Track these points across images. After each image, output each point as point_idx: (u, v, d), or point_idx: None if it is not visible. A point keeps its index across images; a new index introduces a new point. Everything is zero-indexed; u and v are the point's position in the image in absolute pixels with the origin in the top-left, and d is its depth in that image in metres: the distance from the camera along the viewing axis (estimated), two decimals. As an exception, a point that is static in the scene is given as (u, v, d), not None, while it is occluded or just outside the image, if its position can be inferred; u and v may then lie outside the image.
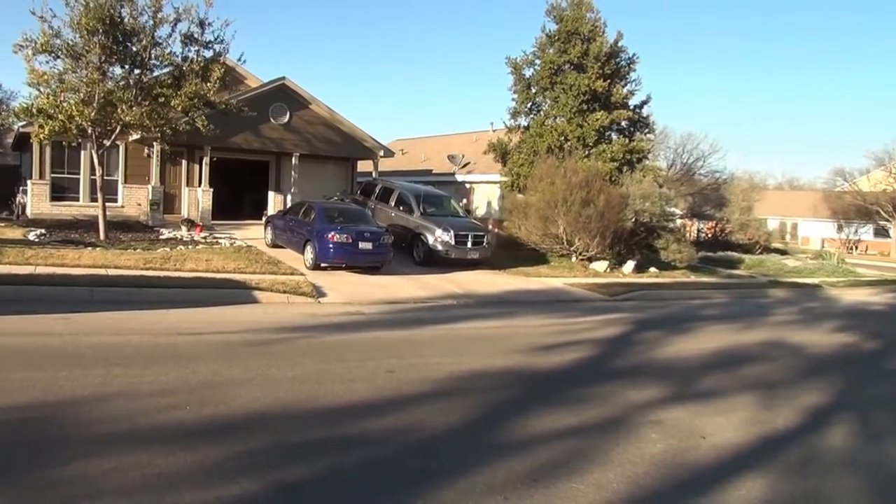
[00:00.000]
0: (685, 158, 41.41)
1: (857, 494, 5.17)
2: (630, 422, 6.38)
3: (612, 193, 20.58)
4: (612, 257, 21.12)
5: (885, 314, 17.74)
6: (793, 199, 71.67)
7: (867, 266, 36.02)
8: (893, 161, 57.41)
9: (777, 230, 56.98)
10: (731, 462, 5.57)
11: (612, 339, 10.97)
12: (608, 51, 23.76)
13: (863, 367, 10.47)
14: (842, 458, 5.95)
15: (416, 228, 19.04)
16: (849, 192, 60.12)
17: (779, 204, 67.27)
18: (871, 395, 8.49)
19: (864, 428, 6.95)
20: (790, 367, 9.71)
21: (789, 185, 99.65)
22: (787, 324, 14.24)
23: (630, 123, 25.07)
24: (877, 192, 56.07)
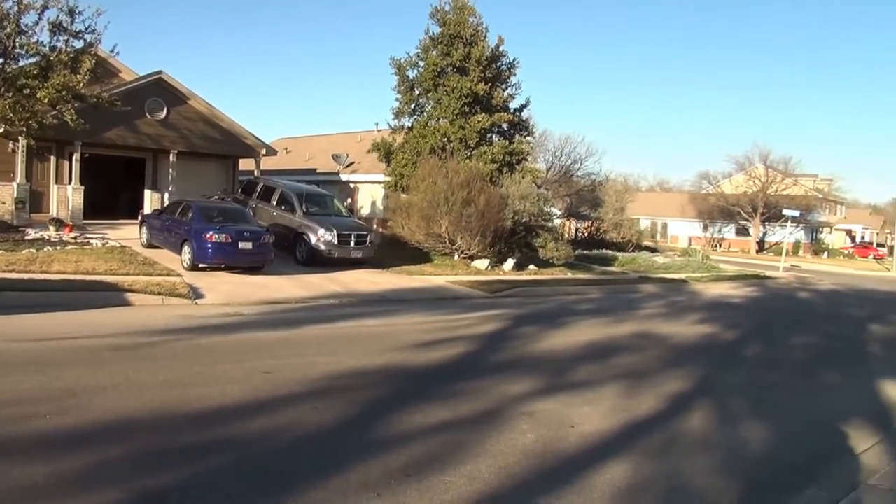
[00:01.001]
0: (563, 161, 42.91)
1: (711, 473, 5.53)
2: (504, 414, 6.58)
3: (493, 194, 21.07)
4: (493, 256, 21.64)
5: (743, 306, 19.07)
6: (663, 201, 75.73)
7: (729, 262, 38.70)
8: (753, 166, 61.85)
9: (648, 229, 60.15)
10: (597, 449, 5.85)
11: (490, 334, 11.24)
12: (490, 55, 24.28)
13: (721, 355, 11.21)
14: (699, 441, 6.37)
15: (299, 228, 18.78)
16: (713, 194, 64.40)
17: (650, 205, 70.82)
18: (727, 382, 9.10)
19: (720, 412, 7.46)
20: (655, 358, 10.27)
21: (660, 187, 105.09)
22: (654, 317, 15.07)
23: (510, 126, 25.70)
24: (738, 195, 60.36)
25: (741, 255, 54.97)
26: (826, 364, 10.95)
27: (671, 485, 5.24)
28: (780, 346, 12.46)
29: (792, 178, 61.39)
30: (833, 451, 6.39)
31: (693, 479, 5.41)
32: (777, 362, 10.86)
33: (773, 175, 59.92)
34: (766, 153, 61.88)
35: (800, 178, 63.37)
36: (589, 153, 44.51)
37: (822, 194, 67.74)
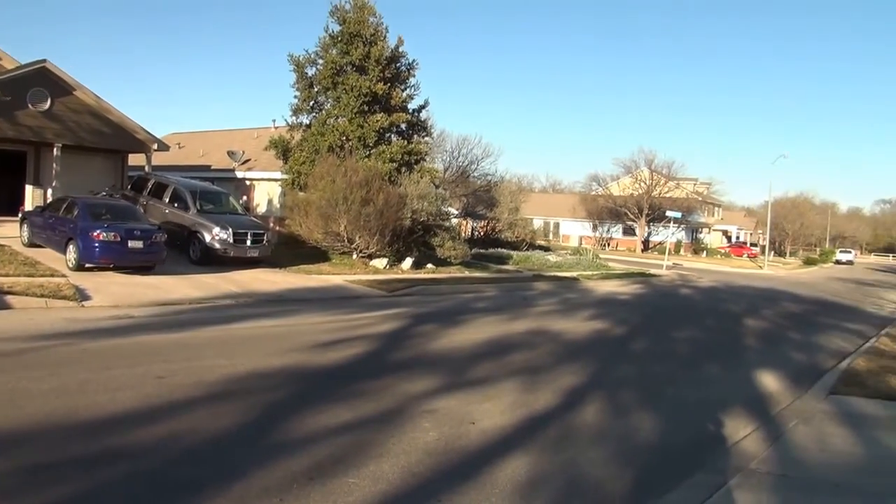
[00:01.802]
0: (460, 161, 43.50)
1: (606, 463, 5.79)
2: (406, 413, 6.63)
3: (391, 193, 21.10)
4: (392, 255, 21.68)
5: (631, 303, 19.90)
6: (555, 201, 78.04)
7: (617, 261, 40.30)
8: (639, 169, 64.66)
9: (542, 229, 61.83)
10: (498, 444, 5.99)
11: (390, 333, 11.26)
12: (389, 55, 24.27)
13: (612, 349, 11.67)
14: (594, 432, 6.63)
15: (193, 226, 18.17)
16: (602, 196, 66.90)
17: (543, 205, 72.80)
18: (618, 375, 9.50)
19: (613, 404, 7.78)
20: (551, 353, 10.58)
21: (552, 188, 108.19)
22: (549, 313, 15.51)
23: (409, 126, 25.79)
24: (625, 196, 63.00)
25: (628, 253, 57.40)
26: (708, 356, 11.61)
27: (569, 476, 5.43)
28: (665, 340, 13.10)
29: (675, 182, 64.61)
30: (717, 437, 6.80)
31: (590, 469, 5.63)
32: (663, 355, 11.43)
33: (657, 178, 62.91)
34: (651, 157, 64.92)
35: (682, 181, 66.77)
36: (485, 154, 45.32)
37: (701, 197, 71.65)
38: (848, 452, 6.25)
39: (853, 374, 9.94)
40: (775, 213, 69.68)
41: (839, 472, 5.70)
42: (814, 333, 15.53)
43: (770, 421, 7.41)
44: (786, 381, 9.76)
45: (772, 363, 11.16)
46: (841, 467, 5.82)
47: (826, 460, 5.99)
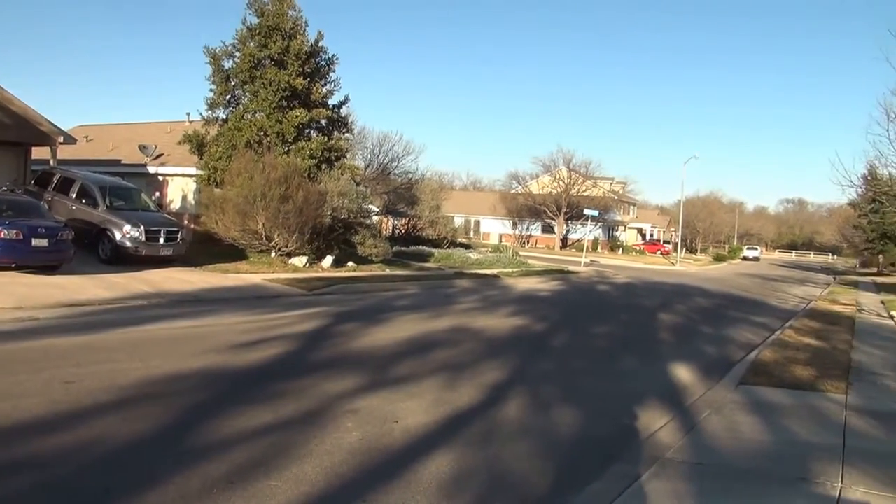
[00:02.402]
0: (382, 158, 43.30)
1: (529, 457, 5.86)
2: (328, 413, 6.54)
3: (311, 190, 20.80)
4: (312, 253, 21.37)
5: (551, 299, 20.25)
6: (476, 199, 78.73)
7: (537, 258, 40.96)
8: (557, 168, 65.94)
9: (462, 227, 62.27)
10: (422, 442, 5.98)
11: (310, 333, 11.09)
12: (309, 49, 23.89)
13: (532, 345, 11.81)
14: (516, 427, 6.71)
15: (102, 223, 17.40)
16: (522, 194, 67.93)
17: (464, 203, 73.37)
18: (539, 370, 9.65)
19: (534, 399, 7.88)
20: (473, 350, 10.65)
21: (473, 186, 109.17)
22: (470, 311, 15.61)
23: (329, 122, 25.48)
24: (544, 195, 64.18)
25: (547, 251, 58.49)
26: (625, 350, 11.93)
27: (493, 472, 5.47)
28: (584, 335, 13.39)
29: (592, 181, 66.27)
30: (635, 429, 6.98)
31: (513, 464, 5.69)
32: (582, 350, 11.67)
33: (575, 177, 64.35)
34: (569, 157, 66.36)
35: (599, 180, 68.59)
36: (406, 151, 45.25)
37: (617, 196, 73.77)
38: (757, 440, 6.51)
39: (760, 365, 10.39)
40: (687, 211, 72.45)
41: (749, 458, 5.94)
42: (723, 327, 16.19)
43: (684, 412, 7.65)
44: (698, 373, 10.13)
45: (685, 356, 11.57)
46: (751, 454, 6.06)
47: (737, 448, 6.23)
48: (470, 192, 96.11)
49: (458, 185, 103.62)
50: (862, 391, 8.80)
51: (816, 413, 7.61)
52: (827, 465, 5.67)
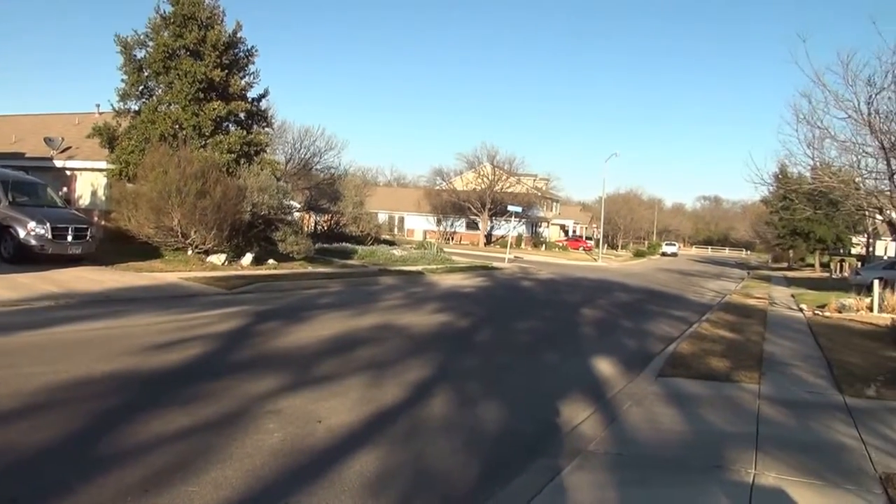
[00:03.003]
0: (303, 153, 42.58)
1: (454, 454, 5.84)
2: (249, 414, 6.36)
3: (230, 185, 20.24)
4: (231, 250, 20.81)
5: (475, 295, 20.36)
6: (400, 195, 78.53)
7: (461, 254, 41.18)
8: (481, 164, 66.44)
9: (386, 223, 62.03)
10: (346, 441, 5.87)
11: (231, 332, 10.78)
12: (227, 40, 23.23)
13: (457, 342, 11.83)
14: (441, 424, 6.68)
15: (4, 220, 16.42)
16: (446, 191, 68.12)
17: (388, 199, 73.07)
18: (463, 367, 9.66)
19: (459, 395, 7.88)
20: (398, 348, 10.57)
21: (397, 182, 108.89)
22: (395, 308, 15.53)
23: (248, 115, 24.86)
24: (468, 191, 64.54)
25: (471, 247, 58.92)
26: (547, 345, 12.09)
27: (418, 469, 5.43)
28: (508, 331, 13.51)
29: (516, 177, 67.10)
30: (558, 423, 7.06)
31: (438, 461, 5.66)
32: (506, 345, 11.77)
33: (499, 174, 65.01)
34: (493, 153, 66.96)
35: (522, 177, 69.51)
36: (329, 146, 44.59)
37: (540, 192, 75.00)
38: (675, 430, 6.69)
39: (679, 358, 10.70)
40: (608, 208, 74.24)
41: (668, 448, 6.10)
42: (643, 321, 16.63)
43: (606, 404, 7.79)
44: (619, 366, 10.35)
45: (606, 350, 11.81)
46: (670, 443, 6.22)
47: (656, 438, 6.39)
48: (394, 188, 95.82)
49: (382, 181, 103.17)
50: (773, 381, 9.18)
51: (731, 403, 7.88)
52: (742, 453, 5.87)
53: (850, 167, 14.59)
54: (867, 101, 10.54)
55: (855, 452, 6.08)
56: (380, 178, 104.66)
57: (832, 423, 7.08)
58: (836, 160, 15.69)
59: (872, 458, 5.89)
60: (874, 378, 9.39)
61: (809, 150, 15.11)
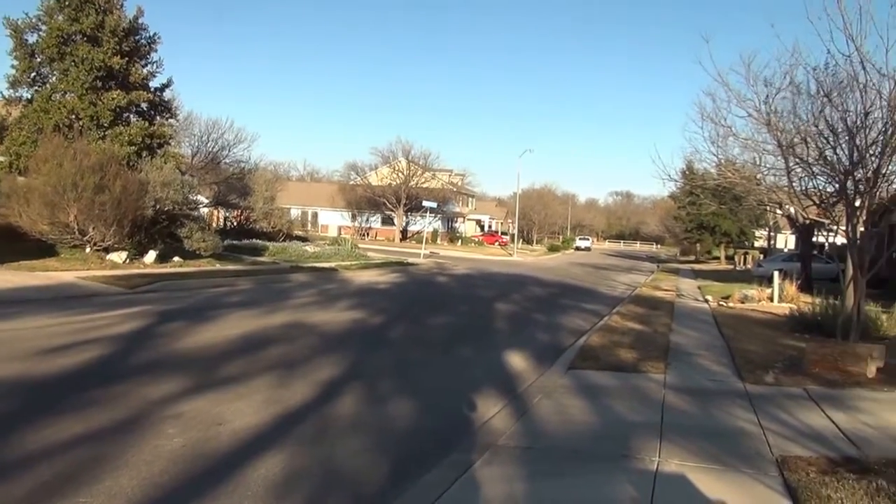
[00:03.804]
0: (211, 146, 41.24)
1: (364, 453, 5.73)
2: (147, 420, 6.07)
3: (131, 179, 19.35)
4: (132, 247, 19.91)
5: (390, 292, 20.20)
6: (314, 191, 77.35)
7: (376, 250, 40.88)
8: (396, 159, 66.17)
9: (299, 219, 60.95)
10: (251, 444, 5.67)
11: (130, 334, 10.29)
12: (127, 26, 22.24)
13: (370, 339, 11.68)
14: (351, 423, 6.54)
15: None
16: (360, 185, 67.51)
17: (301, 194, 71.86)
18: (376, 364, 9.53)
19: (370, 393, 7.76)
20: (308, 346, 10.33)
21: (311, 177, 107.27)
22: (306, 305, 15.22)
23: (151, 106, 23.88)
24: (383, 186, 64.14)
25: (387, 243, 58.61)
26: (461, 341, 12.08)
27: (327, 470, 5.30)
28: (422, 327, 13.45)
29: (431, 172, 67.14)
30: (470, 418, 7.04)
31: (347, 460, 5.53)
32: (419, 342, 11.71)
33: (414, 168, 64.90)
34: (408, 148, 66.78)
35: (438, 172, 69.63)
36: (238, 140, 43.28)
37: (456, 188, 75.35)
38: (584, 421, 6.79)
39: (589, 350, 10.89)
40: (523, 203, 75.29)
41: (577, 439, 6.18)
42: (556, 314, 16.88)
43: (517, 398, 7.83)
44: (531, 360, 10.44)
45: (519, 344, 11.91)
46: (578, 435, 6.31)
47: (566, 430, 6.46)
48: (307, 182, 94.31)
49: (295, 176, 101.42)
50: (678, 370, 9.47)
51: (639, 393, 8.07)
52: (647, 441, 6.00)
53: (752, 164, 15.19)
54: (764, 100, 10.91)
55: (754, 437, 6.31)
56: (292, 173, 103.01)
57: (733, 410, 7.34)
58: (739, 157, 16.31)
59: (770, 443, 6.12)
60: (773, 365, 9.81)
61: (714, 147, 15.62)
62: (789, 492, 4.89)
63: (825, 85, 10.06)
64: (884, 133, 9.52)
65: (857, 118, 9.59)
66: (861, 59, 9.27)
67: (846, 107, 9.93)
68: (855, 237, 10.02)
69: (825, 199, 11.37)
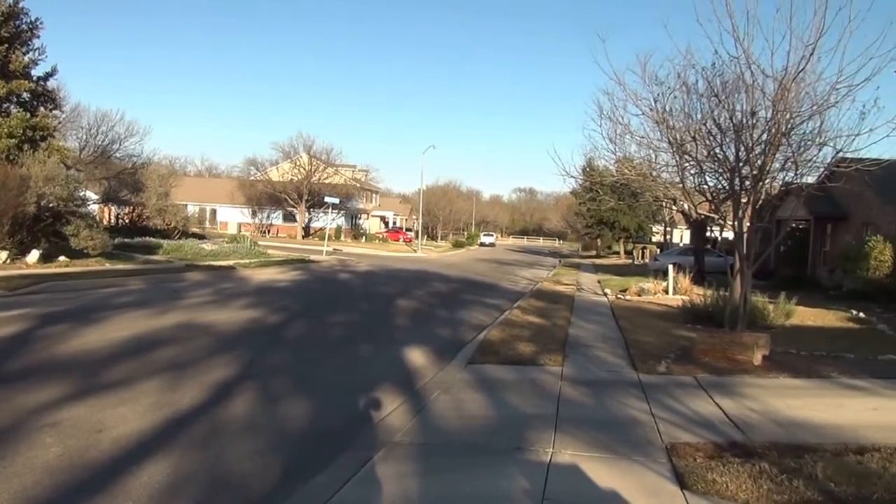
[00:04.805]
0: (100, 140, 39.16)
1: (256, 455, 5.56)
2: (22, 430, 5.70)
3: (11, 174, 18.19)
4: (14, 247, 18.72)
5: (290, 290, 19.79)
6: (212, 186, 75.04)
7: (277, 248, 40.03)
8: (298, 154, 65.00)
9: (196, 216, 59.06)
10: (134, 451, 5.43)
11: (8, 338, 9.70)
12: (5, 10, 20.80)
13: (267, 338, 11.40)
14: (244, 425, 6.37)
15: None
16: (261, 181, 65.93)
17: (199, 190, 69.61)
18: (272, 364, 9.31)
19: (265, 393, 7.58)
20: (202, 347, 9.98)
21: (209, 172, 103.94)
22: (201, 305, 14.71)
23: (33, 96, 22.50)
24: (285, 182, 62.88)
25: (289, 240, 57.53)
26: (361, 338, 11.96)
27: (215, 474, 5.13)
28: (321, 325, 13.23)
29: (334, 168, 66.33)
30: (367, 416, 6.97)
31: (237, 464, 5.37)
32: (319, 340, 11.54)
33: (316, 164, 63.90)
34: (309, 143, 65.72)
35: (341, 167, 68.91)
36: (130, 133, 41.20)
37: (360, 184, 74.79)
38: (481, 415, 6.84)
39: (489, 344, 11.00)
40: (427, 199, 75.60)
41: (473, 433, 6.21)
42: (459, 310, 16.98)
43: (415, 394, 7.82)
44: (431, 356, 10.46)
45: (420, 340, 11.89)
46: (474, 429, 6.35)
47: (463, 425, 6.49)
48: (205, 178, 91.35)
49: (192, 171, 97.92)
50: (576, 362, 9.70)
51: (536, 386, 8.21)
52: (542, 433, 6.11)
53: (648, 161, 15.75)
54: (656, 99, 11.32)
55: (645, 426, 6.53)
56: (189, 169, 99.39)
57: (626, 400, 7.58)
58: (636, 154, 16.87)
59: (660, 430, 6.36)
60: (665, 355, 10.20)
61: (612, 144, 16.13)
62: (677, 477, 5.08)
63: (714, 85, 10.51)
64: (768, 131, 10.03)
65: (744, 117, 10.06)
66: (748, 60, 9.74)
67: (733, 106, 10.39)
68: (742, 231, 10.50)
69: (715, 195, 11.86)
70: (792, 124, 10.06)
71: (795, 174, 10.99)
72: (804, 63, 9.31)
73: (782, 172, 11.02)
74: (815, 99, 9.83)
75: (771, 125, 9.94)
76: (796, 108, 9.89)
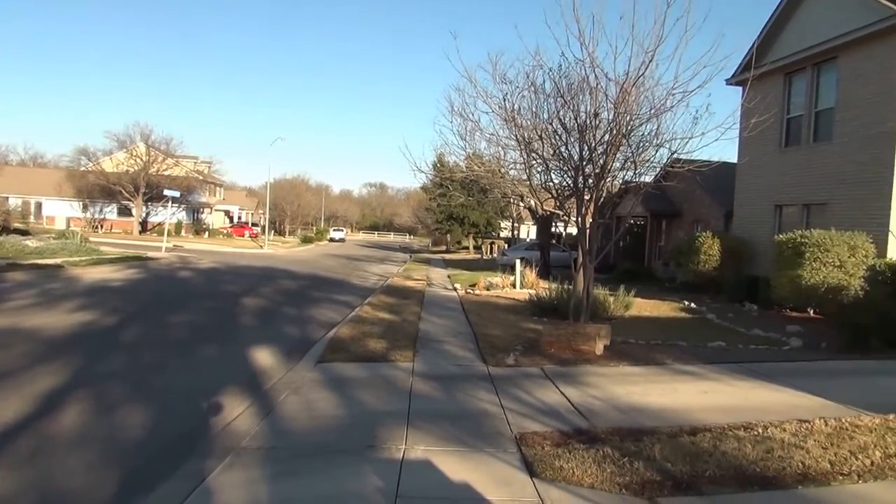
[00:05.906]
0: None
1: (88, 470, 5.20)
2: None
3: None
4: None
5: (125, 290, 18.58)
6: (37, 177, 69.05)
7: (112, 244, 37.47)
8: (134, 144, 61.00)
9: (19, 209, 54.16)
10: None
11: None
12: None
13: (99, 343, 10.66)
14: (74, 438, 5.93)
15: None
16: (93, 172, 61.19)
17: (22, 182, 64.11)
18: (105, 370, 8.71)
19: (98, 402, 7.09)
20: (25, 354, 9.21)
21: (34, 162, 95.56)
22: (24, 308, 13.53)
23: None
24: (120, 173, 58.75)
25: (124, 236, 54.04)
26: (204, 340, 11.47)
27: (41, 492, 4.77)
28: (160, 327, 12.52)
29: (174, 159, 62.86)
30: (211, 422, 6.67)
31: (69, 479, 5.01)
32: (157, 343, 10.93)
33: (155, 155, 60.24)
34: (147, 132, 61.82)
35: (181, 159, 65.43)
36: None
37: (202, 176, 71.41)
38: (332, 415, 6.76)
39: (339, 342, 10.86)
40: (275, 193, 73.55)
41: (323, 434, 6.11)
42: (307, 307, 16.61)
43: (263, 396, 7.60)
44: (279, 356, 10.20)
45: (267, 339, 11.55)
46: (325, 429, 6.25)
47: (313, 425, 6.37)
48: (30, 168, 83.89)
49: (15, 161, 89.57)
50: (426, 358, 9.80)
51: (387, 382, 8.23)
52: (394, 430, 6.13)
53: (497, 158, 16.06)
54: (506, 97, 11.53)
55: (495, 417, 6.72)
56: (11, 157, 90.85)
57: (476, 393, 7.75)
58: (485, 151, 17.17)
59: (510, 421, 6.57)
60: (514, 348, 10.49)
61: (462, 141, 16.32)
62: (527, 466, 5.27)
63: (560, 86, 10.85)
64: (610, 132, 10.51)
65: (588, 118, 10.47)
66: (593, 64, 10.13)
67: (578, 107, 10.81)
68: (584, 227, 10.96)
69: (560, 192, 12.27)
70: (632, 126, 10.64)
71: (634, 173, 11.61)
72: (644, 69, 9.84)
73: (622, 171, 11.59)
74: (654, 103, 10.45)
75: (612, 126, 10.43)
76: (636, 111, 10.45)
